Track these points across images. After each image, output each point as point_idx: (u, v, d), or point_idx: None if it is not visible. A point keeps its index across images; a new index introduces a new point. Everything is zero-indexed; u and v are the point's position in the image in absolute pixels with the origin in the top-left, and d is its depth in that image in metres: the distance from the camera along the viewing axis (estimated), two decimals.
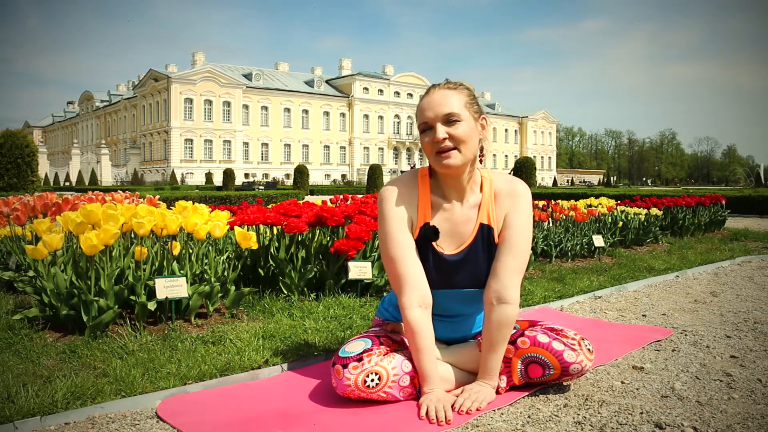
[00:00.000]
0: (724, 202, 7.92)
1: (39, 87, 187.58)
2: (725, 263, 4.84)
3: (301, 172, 28.54)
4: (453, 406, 1.70)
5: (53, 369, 1.95)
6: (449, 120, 1.74)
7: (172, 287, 2.45)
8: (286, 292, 3.10)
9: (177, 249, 2.72)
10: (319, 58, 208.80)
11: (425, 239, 1.82)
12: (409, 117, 68.66)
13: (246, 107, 59.26)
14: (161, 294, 2.43)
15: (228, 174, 32.07)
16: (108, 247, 2.44)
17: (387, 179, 27.31)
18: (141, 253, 2.58)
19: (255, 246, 2.88)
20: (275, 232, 3.43)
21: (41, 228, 2.65)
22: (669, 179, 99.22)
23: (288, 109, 62.55)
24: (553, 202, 6.02)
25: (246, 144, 59.23)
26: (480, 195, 1.85)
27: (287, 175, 53.69)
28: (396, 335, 1.94)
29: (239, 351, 2.18)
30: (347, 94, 66.34)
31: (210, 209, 2.96)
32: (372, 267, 3.18)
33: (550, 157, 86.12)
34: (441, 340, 1.93)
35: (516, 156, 74.53)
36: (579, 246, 4.88)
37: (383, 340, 1.85)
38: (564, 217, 5.29)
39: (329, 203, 4.54)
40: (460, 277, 1.84)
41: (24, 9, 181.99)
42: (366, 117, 67.41)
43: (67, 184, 45.14)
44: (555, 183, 61.20)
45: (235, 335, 2.38)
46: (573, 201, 6.12)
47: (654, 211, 6.20)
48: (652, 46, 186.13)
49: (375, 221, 3.28)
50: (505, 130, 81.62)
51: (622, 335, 2.56)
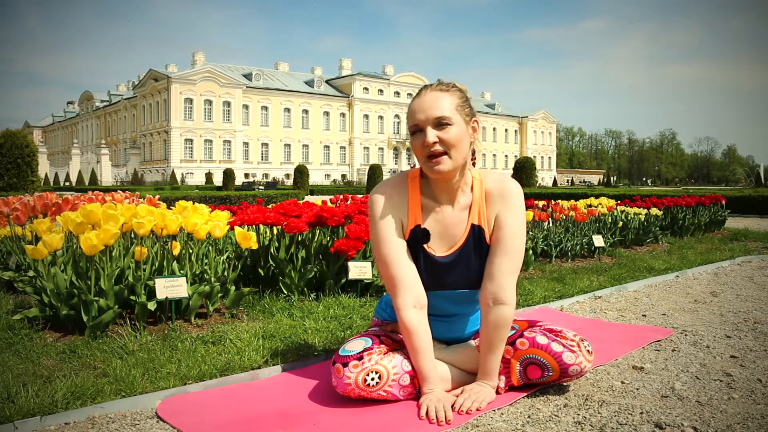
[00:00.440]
0: (724, 202, 7.92)
1: (39, 87, 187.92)
2: (725, 263, 4.84)
3: (301, 172, 28.56)
4: (453, 406, 1.70)
5: (53, 369, 1.95)
6: (440, 123, 1.71)
7: (172, 287, 2.45)
8: (286, 292, 3.10)
9: (177, 249, 2.72)
10: (319, 58, 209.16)
11: (416, 241, 1.81)
12: None
13: (246, 107, 59.21)
14: (161, 294, 2.43)
15: (228, 174, 32.07)
16: (108, 247, 2.44)
17: None
18: (141, 253, 2.58)
19: (255, 246, 2.88)
20: (275, 232, 3.43)
21: (41, 228, 2.65)
22: (669, 179, 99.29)
23: (288, 109, 62.50)
24: (553, 202, 6.02)
25: (246, 144, 59.18)
26: (471, 196, 1.84)
27: (287, 175, 53.68)
28: (396, 335, 1.94)
29: (239, 351, 2.18)
30: (347, 94, 66.29)
31: (210, 209, 2.95)
32: (372, 267, 3.18)
33: (550, 157, 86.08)
34: (439, 339, 1.93)
35: (516, 156, 74.53)
36: (579, 246, 4.88)
37: (383, 339, 1.85)
38: (564, 217, 5.29)
39: (329, 203, 4.54)
40: (452, 279, 1.84)
41: (24, 9, 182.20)
42: (366, 117, 67.35)
43: (67, 184, 45.14)
44: (555, 183, 61.23)
45: (235, 335, 2.38)
46: (573, 201, 6.12)
47: (654, 211, 6.19)
48: (652, 46, 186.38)
49: None
50: (505, 130, 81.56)
51: (622, 335, 2.56)
